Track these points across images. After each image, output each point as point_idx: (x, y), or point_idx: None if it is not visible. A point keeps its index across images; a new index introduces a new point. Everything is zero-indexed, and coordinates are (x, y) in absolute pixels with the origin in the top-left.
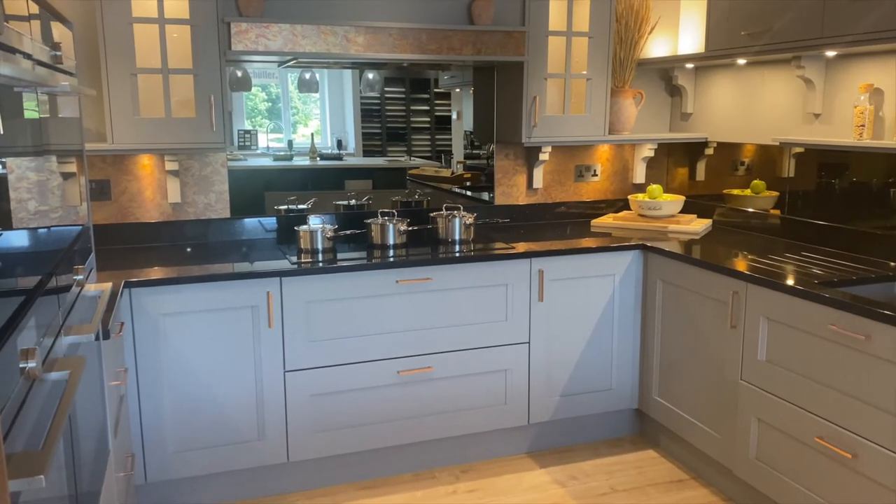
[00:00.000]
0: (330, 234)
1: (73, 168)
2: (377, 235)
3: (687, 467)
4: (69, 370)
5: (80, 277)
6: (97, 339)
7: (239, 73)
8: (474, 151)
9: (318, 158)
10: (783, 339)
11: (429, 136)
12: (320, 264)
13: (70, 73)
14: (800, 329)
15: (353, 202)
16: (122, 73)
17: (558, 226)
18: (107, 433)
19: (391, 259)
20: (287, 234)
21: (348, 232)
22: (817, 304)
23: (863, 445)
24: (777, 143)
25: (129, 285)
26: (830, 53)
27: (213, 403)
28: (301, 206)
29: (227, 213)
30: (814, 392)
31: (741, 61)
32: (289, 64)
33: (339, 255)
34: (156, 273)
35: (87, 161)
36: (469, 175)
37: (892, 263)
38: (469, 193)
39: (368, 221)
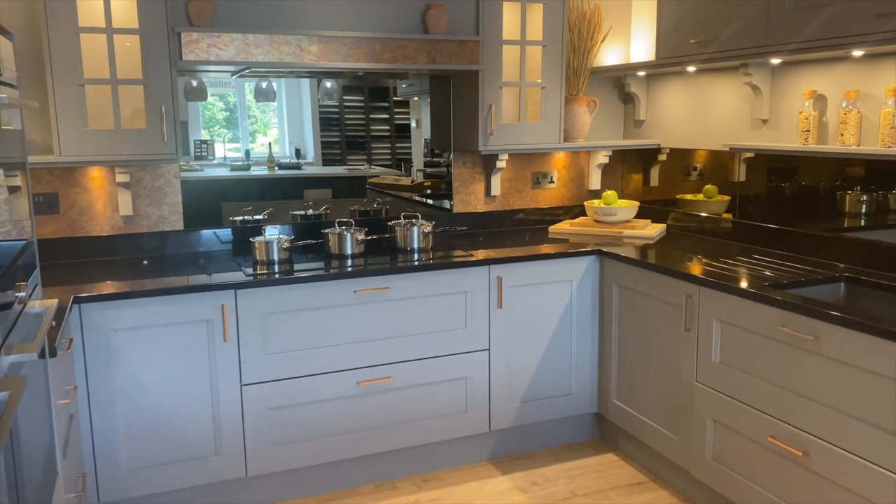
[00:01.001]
0: (286, 244)
1: (18, 181)
2: (335, 245)
3: (646, 470)
4: (9, 390)
5: (22, 294)
6: (42, 356)
7: (194, 83)
8: (434, 159)
9: (275, 168)
10: (736, 341)
11: (389, 145)
12: (276, 275)
13: (10, 85)
14: (751, 331)
15: (310, 212)
16: (69, 83)
17: (517, 232)
18: (55, 453)
19: (349, 269)
20: (243, 246)
21: (305, 242)
22: (767, 306)
23: (813, 443)
24: (727, 149)
25: (78, 301)
26: (775, 61)
27: (168, 419)
28: (257, 217)
29: (181, 226)
30: (766, 392)
31: (691, 69)
32: (242, 73)
33: (296, 266)
34: (107, 287)
35: (30, 174)
36: (429, 183)
37: (842, 265)
38: (430, 202)
39: (326, 231)
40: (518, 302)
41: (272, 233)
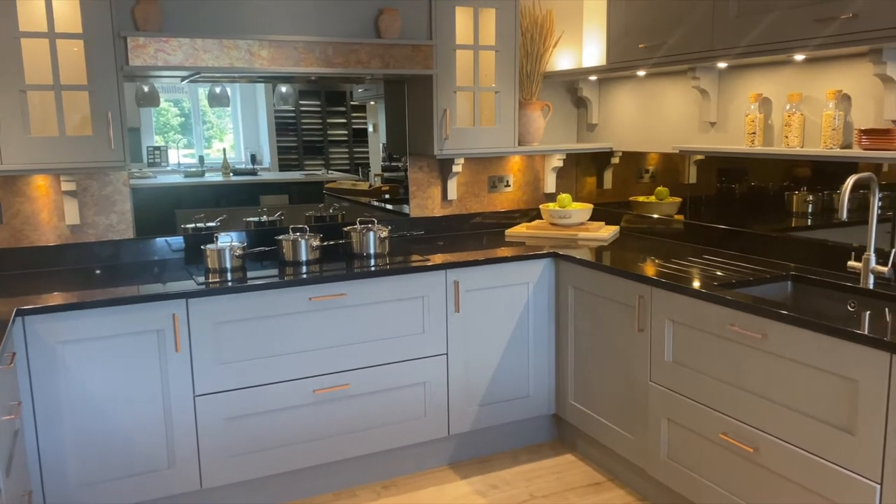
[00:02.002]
0: (239, 252)
1: None
2: (289, 252)
3: (604, 470)
4: None
5: None
6: None
7: (146, 89)
8: (393, 164)
9: (230, 174)
10: (688, 341)
11: (347, 149)
12: (228, 284)
13: None
14: (702, 330)
15: (264, 218)
16: (10, 89)
17: (474, 236)
18: None
19: (303, 276)
20: (195, 254)
21: (259, 249)
22: (717, 306)
23: (764, 439)
24: (677, 151)
25: (21, 313)
26: (722, 65)
27: (119, 432)
28: (210, 224)
29: (131, 234)
30: (717, 390)
31: (641, 73)
32: (192, 79)
33: (250, 274)
34: (52, 299)
35: None
36: (387, 188)
37: (789, 264)
38: (388, 206)
39: (280, 238)
40: (475, 305)
41: (224, 240)
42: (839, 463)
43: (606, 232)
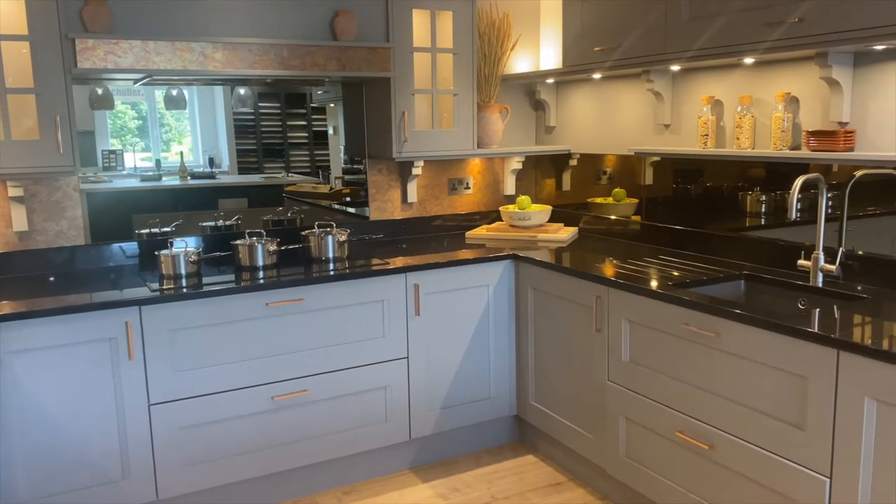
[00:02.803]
0: (194, 257)
1: None
2: (245, 257)
3: (565, 469)
4: None
5: None
6: None
7: (100, 91)
8: (354, 166)
9: (188, 178)
10: (644, 340)
11: (307, 152)
12: (183, 290)
13: None
14: (658, 329)
15: (221, 223)
16: None
17: (434, 239)
18: None
19: (260, 281)
20: (150, 260)
21: (214, 254)
22: (672, 305)
23: (719, 436)
24: (632, 153)
25: None
26: (675, 68)
27: (71, 444)
28: (165, 229)
29: (82, 240)
30: (673, 388)
31: (596, 76)
32: (145, 81)
33: (205, 280)
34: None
35: None
36: (348, 190)
37: (743, 263)
38: (350, 209)
39: (236, 243)
40: (436, 308)
41: (180, 245)
42: (790, 458)
43: (565, 233)
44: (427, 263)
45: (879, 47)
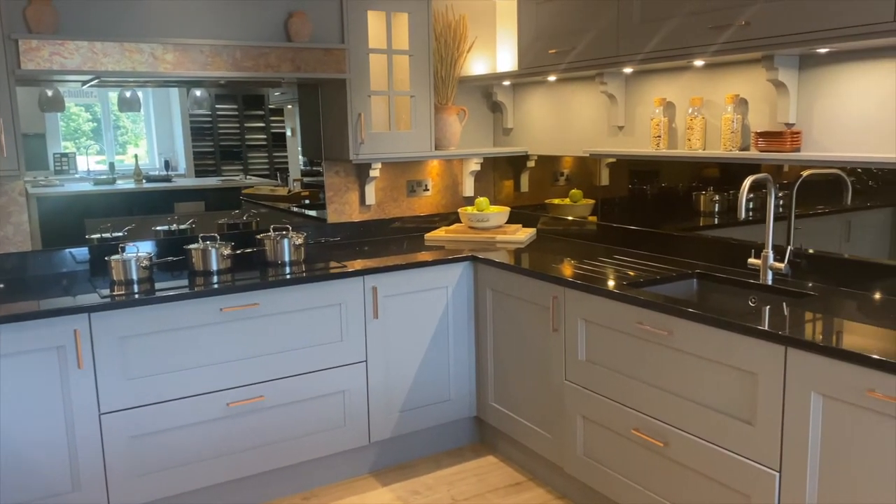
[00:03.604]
0: (146, 262)
1: None
2: (198, 261)
3: (524, 470)
4: None
5: None
6: None
7: (49, 93)
8: (314, 168)
9: (143, 181)
10: (600, 339)
11: (266, 154)
12: (135, 296)
13: None
14: (613, 328)
15: (174, 227)
16: None
17: (393, 241)
18: None
19: (214, 286)
20: (101, 266)
21: (167, 259)
22: (626, 304)
23: (673, 433)
24: (587, 155)
25: None
26: (627, 70)
27: (18, 456)
28: (117, 234)
29: (29, 246)
30: (628, 387)
31: (552, 78)
32: (93, 83)
33: (157, 285)
34: None
35: None
36: (307, 193)
37: (698, 262)
38: (310, 212)
39: (189, 247)
40: (394, 311)
41: (131, 250)
42: (741, 453)
43: (523, 234)
44: (385, 266)
45: (823, 50)
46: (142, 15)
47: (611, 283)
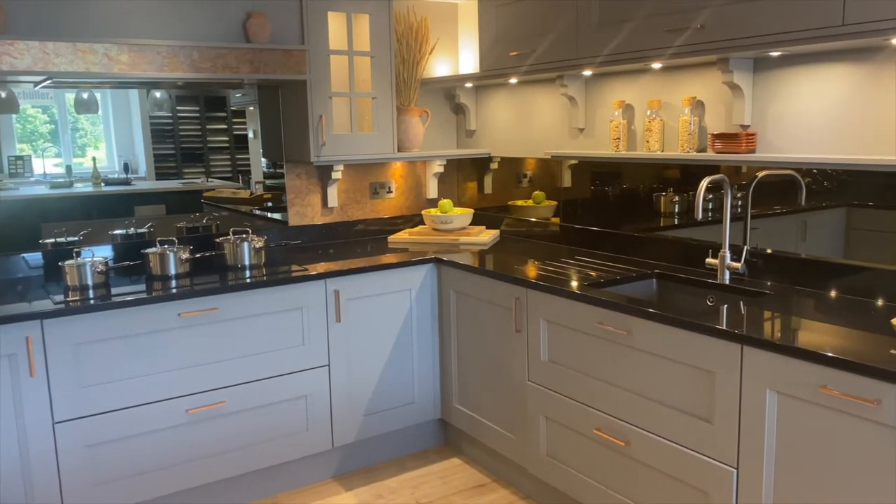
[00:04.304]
0: (101, 267)
1: None
2: (156, 266)
3: (489, 471)
4: None
5: None
6: None
7: (3, 94)
8: (277, 171)
9: (102, 184)
10: (562, 340)
11: (228, 156)
12: (91, 302)
13: None
14: (574, 329)
15: (132, 230)
16: None
17: (357, 244)
18: None
19: (172, 291)
20: (55, 271)
21: (124, 264)
22: (586, 305)
23: (634, 432)
24: (549, 157)
25: None
26: (587, 73)
27: None
28: (72, 239)
29: None
30: (590, 387)
31: (513, 80)
32: (45, 84)
33: (114, 290)
34: None
35: None
36: (269, 195)
37: (659, 262)
38: (273, 215)
39: (146, 251)
40: (357, 314)
41: (86, 255)
42: (700, 451)
43: (487, 236)
44: (348, 269)
45: (775, 53)
46: (96, 15)
47: (573, 284)
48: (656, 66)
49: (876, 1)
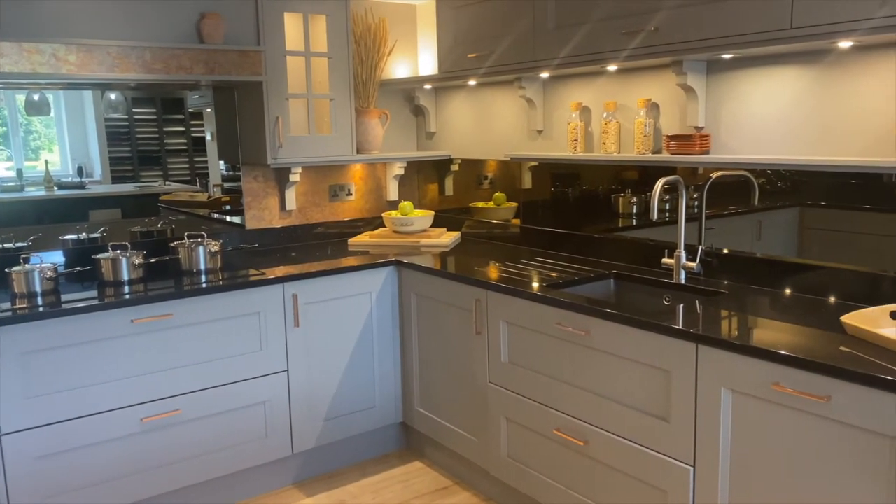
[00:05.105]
0: (50, 273)
1: None
2: (108, 271)
3: (451, 474)
4: None
5: None
6: None
7: None
8: (236, 173)
9: (54, 188)
10: (522, 341)
11: (186, 159)
12: (39, 309)
13: None
14: (534, 330)
15: (84, 235)
16: None
17: (316, 247)
18: None
19: (125, 297)
20: (1, 278)
21: (75, 270)
22: (545, 306)
23: (593, 432)
24: (508, 158)
25: None
26: (544, 75)
27: None
28: (20, 244)
29: None
30: (549, 387)
31: (472, 82)
32: None
33: (64, 297)
34: None
35: None
36: (228, 198)
37: (617, 263)
38: (232, 218)
39: (97, 257)
40: (316, 318)
41: (35, 261)
42: (658, 450)
43: (448, 238)
44: (306, 272)
45: (727, 56)
46: (43, 14)
47: (532, 285)
48: (612, 68)
49: (823, 4)
